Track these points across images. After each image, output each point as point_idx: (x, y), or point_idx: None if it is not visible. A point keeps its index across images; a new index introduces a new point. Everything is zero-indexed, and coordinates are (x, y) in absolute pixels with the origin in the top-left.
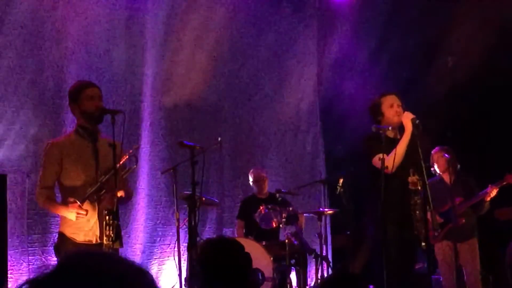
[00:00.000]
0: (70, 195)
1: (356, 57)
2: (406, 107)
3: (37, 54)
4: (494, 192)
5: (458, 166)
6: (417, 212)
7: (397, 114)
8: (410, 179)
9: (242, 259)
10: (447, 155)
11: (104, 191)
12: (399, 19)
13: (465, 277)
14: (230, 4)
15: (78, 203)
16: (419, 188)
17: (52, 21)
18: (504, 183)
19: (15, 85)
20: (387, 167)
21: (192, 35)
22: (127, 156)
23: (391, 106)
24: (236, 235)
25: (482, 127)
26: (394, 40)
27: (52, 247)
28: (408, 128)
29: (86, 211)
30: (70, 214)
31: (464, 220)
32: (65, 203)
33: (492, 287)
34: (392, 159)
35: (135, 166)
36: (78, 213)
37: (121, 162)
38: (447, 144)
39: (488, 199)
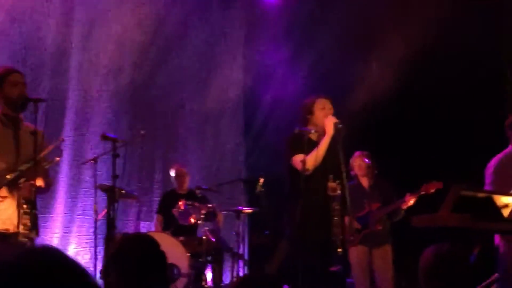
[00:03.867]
0: None
1: (281, 60)
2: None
3: None
4: (411, 201)
5: (376, 172)
6: (335, 218)
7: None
8: (329, 185)
9: (157, 257)
10: (367, 160)
11: (23, 179)
12: (324, 22)
13: (377, 282)
14: None
15: None
16: (338, 193)
17: None
18: (422, 192)
19: None
20: (308, 169)
21: (121, 24)
22: (51, 148)
23: (323, 108)
24: (154, 230)
25: (402, 134)
26: (319, 43)
27: None
28: (329, 130)
29: (3, 197)
30: None
31: (380, 227)
32: None
33: None
34: (311, 161)
35: (58, 158)
36: None
37: (43, 153)
38: (367, 149)
39: (405, 207)
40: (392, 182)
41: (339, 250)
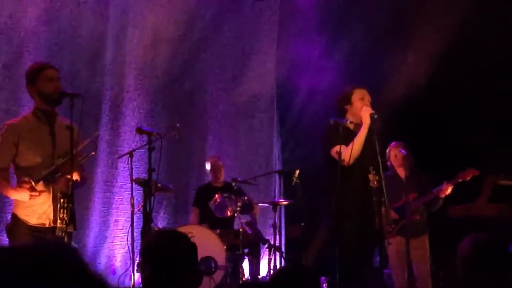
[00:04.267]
0: (25, 176)
1: (315, 52)
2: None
3: None
4: (449, 189)
5: (413, 162)
6: (375, 209)
7: None
8: (371, 176)
9: (188, 251)
10: (403, 151)
11: (59, 173)
12: (359, 12)
13: (415, 273)
14: None
15: (32, 183)
16: (376, 184)
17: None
18: (459, 180)
19: None
20: (343, 160)
21: (155, 18)
22: (86, 143)
23: (362, 99)
24: (191, 223)
25: (439, 124)
26: (354, 33)
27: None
28: (366, 122)
29: (39, 191)
30: (22, 195)
31: (418, 217)
32: (18, 184)
33: (442, 283)
34: (349, 152)
35: (93, 153)
36: (31, 195)
37: (79, 148)
38: (403, 140)
39: (443, 196)
40: (429, 172)
41: (386, 242)
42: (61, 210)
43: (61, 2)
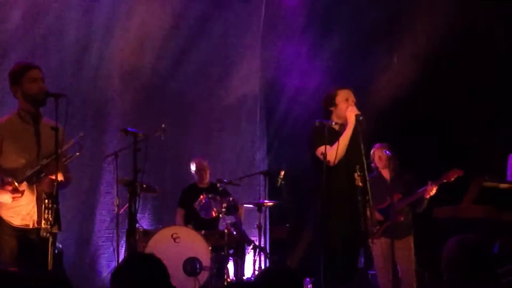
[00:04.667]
0: (9, 177)
1: (300, 52)
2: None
3: None
4: (433, 190)
5: (398, 163)
6: (367, 209)
7: None
8: (356, 176)
9: (156, 270)
10: (388, 152)
11: (44, 174)
12: (344, 12)
13: (400, 274)
14: None
15: (15, 183)
16: (360, 185)
17: None
18: (444, 180)
19: None
20: (328, 161)
21: (141, 19)
22: (71, 144)
23: (346, 100)
24: (176, 223)
25: (423, 125)
26: (339, 34)
27: None
28: (351, 122)
29: (22, 191)
30: (4, 197)
31: (402, 218)
32: (1, 186)
33: (427, 283)
34: (334, 152)
35: (77, 153)
36: (13, 197)
37: (64, 149)
38: (388, 141)
39: (428, 196)
40: (414, 173)
41: (370, 242)
42: (46, 211)
43: (47, 2)
